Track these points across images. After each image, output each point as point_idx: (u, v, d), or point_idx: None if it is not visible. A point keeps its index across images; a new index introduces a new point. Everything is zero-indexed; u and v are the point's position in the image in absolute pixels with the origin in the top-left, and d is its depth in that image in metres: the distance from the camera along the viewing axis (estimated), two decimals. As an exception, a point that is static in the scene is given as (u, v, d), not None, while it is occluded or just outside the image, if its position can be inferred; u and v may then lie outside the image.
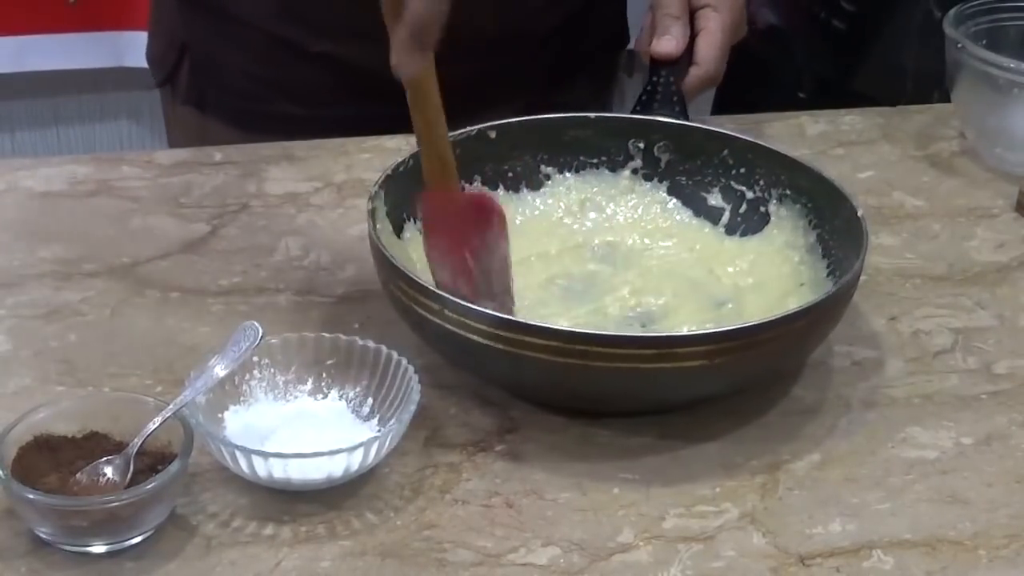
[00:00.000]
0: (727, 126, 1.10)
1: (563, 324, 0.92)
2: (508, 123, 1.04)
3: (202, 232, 1.10)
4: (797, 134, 1.28)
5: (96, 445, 0.83)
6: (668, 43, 1.15)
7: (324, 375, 0.91)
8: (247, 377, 0.89)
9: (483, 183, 1.03)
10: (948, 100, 1.27)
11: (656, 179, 1.07)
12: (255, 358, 0.89)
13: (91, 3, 2.09)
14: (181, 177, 1.17)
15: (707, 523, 0.84)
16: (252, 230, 1.11)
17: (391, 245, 0.92)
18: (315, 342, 0.91)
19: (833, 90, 1.48)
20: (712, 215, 1.06)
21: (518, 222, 1.03)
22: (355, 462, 0.84)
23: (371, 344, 0.90)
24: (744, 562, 0.82)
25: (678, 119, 1.11)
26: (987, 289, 1.07)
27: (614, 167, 1.06)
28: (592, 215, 1.06)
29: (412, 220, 0.99)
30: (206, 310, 1.01)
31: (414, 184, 0.95)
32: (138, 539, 0.81)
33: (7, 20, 2.08)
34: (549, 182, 1.06)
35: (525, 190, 1.06)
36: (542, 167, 1.06)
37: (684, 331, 0.93)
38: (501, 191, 1.05)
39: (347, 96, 1.26)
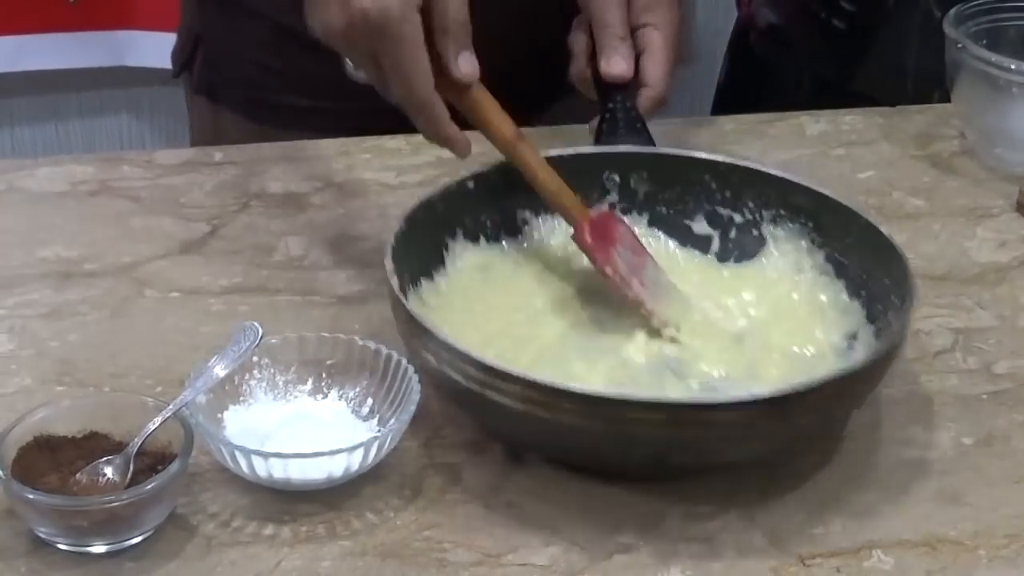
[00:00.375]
0: (730, 146, 1.08)
1: (606, 387, 0.88)
2: (483, 171, 0.98)
3: (202, 232, 1.10)
4: (797, 134, 1.28)
5: (96, 445, 0.83)
6: (619, 64, 1.10)
7: (324, 375, 0.90)
8: (247, 377, 0.89)
9: (464, 236, 0.98)
10: (948, 100, 1.27)
11: (635, 212, 1.02)
12: (255, 358, 0.89)
13: (91, 3, 2.09)
14: (181, 177, 1.17)
15: (707, 523, 0.84)
16: (252, 230, 1.11)
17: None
18: (315, 342, 0.91)
19: (833, 90, 1.47)
20: (700, 244, 1.02)
21: (508, 274, 0.98)
22: (355, 462, 0.84)
23: (371, 344, 0.90)
24: (744, 562, 0.82)
25: (646, 146, 1.06)
26: (987, 289, 1.07)
27: (591, 203, 0.99)
28: (579, 257, 0.98)
29: (413, 287, 0.94)
30: (206, 310, 1.01)
31: (416, 250, 0.92)
32: (138, 539, 0.81)
33: (7, 19, 2.08)
34: (527, 227, 1.01)
35: (506, 239, 1.00)
36: (518, 212, 1.00)
37: (790, 384, 0.83)
38: (483, 242, 0.99)
39: (352, 89, 1.25)
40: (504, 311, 0.95)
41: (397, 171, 1.18)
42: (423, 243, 0.94)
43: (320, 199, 1.15)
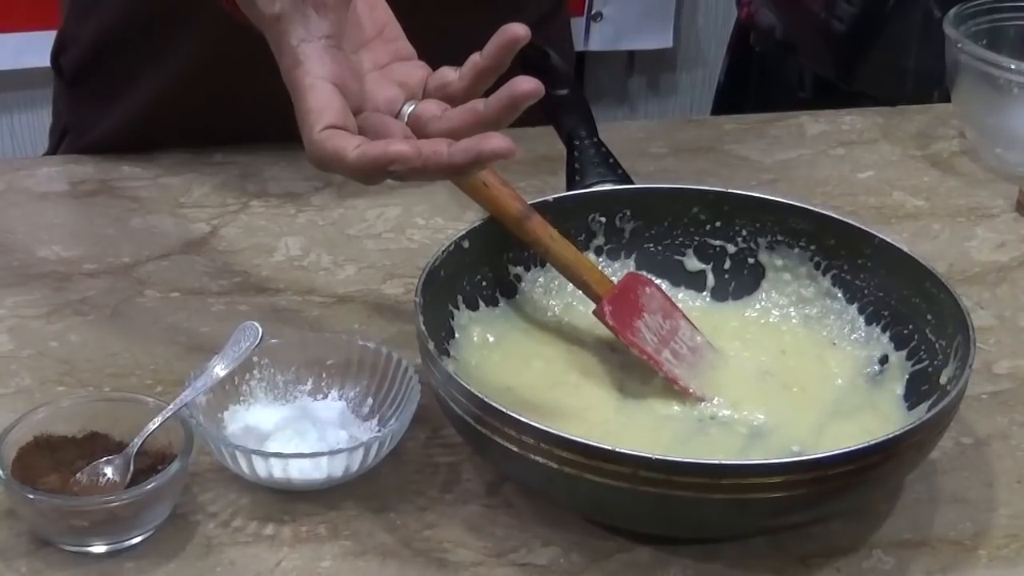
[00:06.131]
0: (717, 191, 0.98)
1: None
2: (475, 226, 0.92)
3: (202, 232, 1.10)
4: (797, 134, 1.28)
5: (96, 445, 0.83)
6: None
7: (324, 375, 0.90)
8: (247, 377, 0.89)
9: (465, 304, 0.92)
10: (948, 100, 1.27)
11: (623, 254, 0.98)
12: (255, 358, 0.89)
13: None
14: (181, 177, 1.17)
15: (707, 523, 0.84)
16: (252, 230, 1.11)
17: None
18: (315, 342, 0.91)
19: (833, 90, 1.48)
20: (694, 282, 0.98)
21: (522, 341, 0.94)
22: (355, 462, 0.84)
23: (371, 344, 0.90)
24: (744, 562, 0.82)
25: (622, 181, 1.04)
26: (987, 289, 1.07)
27: (580, 248, 0.94)
28: (582, 310, 0.95)
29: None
30: (206, 310, 1.01)
31: (432, 327, 0.85)
32: (138, 539, 0.81)
33: (7, 17, 2.09)
34: (521, 284, 0.96)
35: (503, 300, 0.95)
36: (509, 267, 0.95)
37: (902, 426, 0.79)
38: (482, 307, 0.94)
39: None
40: (540, 387, 0.90)
41: (397, 171, 1.18)
42: (434, 319, 0.87)
43: (320, 199, 1.15)
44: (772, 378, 0.92)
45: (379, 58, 0.86)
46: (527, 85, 0.77)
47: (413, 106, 0.83)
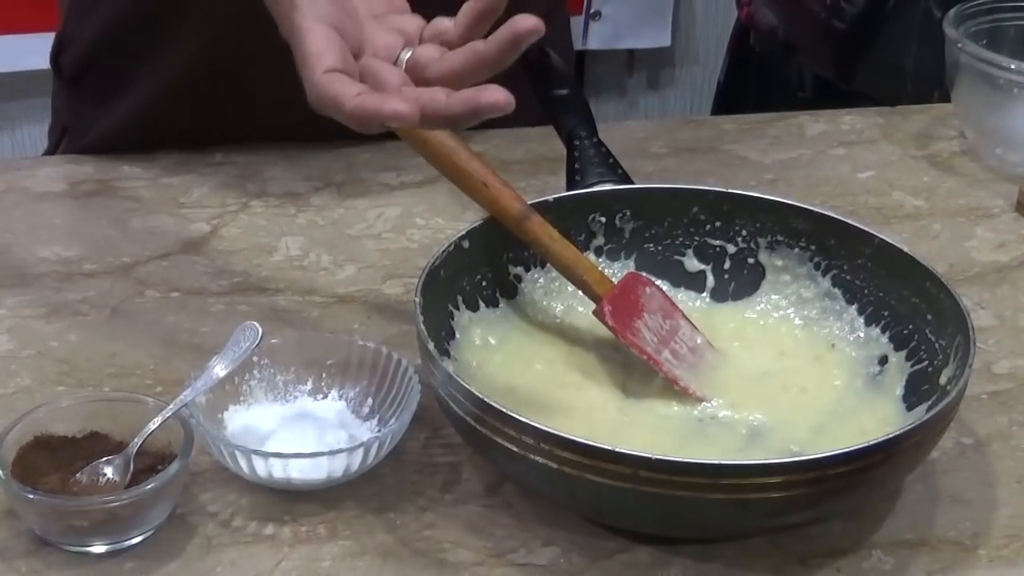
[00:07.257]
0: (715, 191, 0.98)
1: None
2: (475, 226, 0.92)
3: (202, 232, 1.10)
4: (797, 134, 1.28)
5: (96, 445, 0.83)
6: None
7: (324, 375, 0.90)
8: (247, 377, 0.89)
9: (465, 305, 0.92)
10: (948, 100, 1.27)
11: (623, 255, 0.98)
12: (255, 358, 0.89)
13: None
14: (181, 177, 1.17)
15: (707, 523, 0.84)
16: (252, 230, 1.11)
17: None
18: (315, 342, 0.91)
19: (833, 90, 1.48)
20: (694, 283, 0.98)
21: (523, 342, 0.94)
22: (355, 462, 0.84)
23: (371, 344, 0.90)
24: (744, 562, 0.82)
25: (621, 181, 1.04)
26: (987, 289, 1.07)
27: (580, 248, 0.94)
28: (583, 310, 0.95)
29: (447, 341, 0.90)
30: (206, 310, 1.01)
31: (432, 327, 0.85)
32: (138, 539, 0.81)
33: (6, 19, 2.09)
34: (521, 284, 0.96)
35: (503, 301, 0.95)
36: (509, 268, 0.95)
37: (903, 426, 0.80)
38: (483, 308, 0.93)
39: None
40: (542, 387, 0.91)
41: (397, 171, 1.19)
42: (434, 319, 0.87)
43: (320, 199, 1.15)
44: (772, 378, 0.93)
45: (375, 8, 0.84)
46: (528, 22, 0.74)
47: (411, 52, 0.81)
